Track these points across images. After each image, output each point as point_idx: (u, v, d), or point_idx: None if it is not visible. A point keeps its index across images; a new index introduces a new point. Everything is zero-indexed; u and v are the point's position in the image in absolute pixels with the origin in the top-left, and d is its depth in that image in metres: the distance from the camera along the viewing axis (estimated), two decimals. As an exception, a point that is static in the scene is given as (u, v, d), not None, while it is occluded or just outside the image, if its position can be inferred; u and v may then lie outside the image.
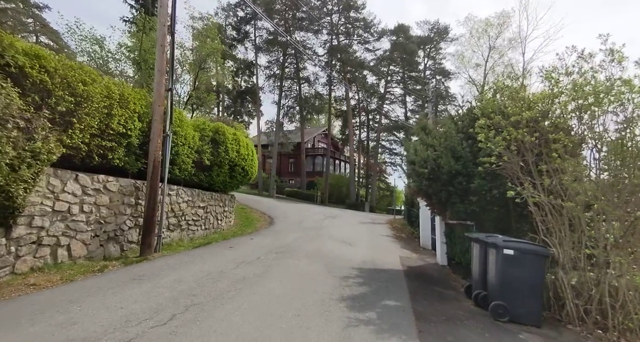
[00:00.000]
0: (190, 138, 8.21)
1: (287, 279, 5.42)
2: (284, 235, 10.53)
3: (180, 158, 7.81)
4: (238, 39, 39.20)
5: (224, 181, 10.32)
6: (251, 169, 11.78)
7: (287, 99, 40.52)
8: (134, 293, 4.13)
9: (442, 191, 5.74)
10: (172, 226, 8.00)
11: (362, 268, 6.87)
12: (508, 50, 36.12)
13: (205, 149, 8.93)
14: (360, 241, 10.85)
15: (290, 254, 7.52)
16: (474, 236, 5.20)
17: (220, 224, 10.75)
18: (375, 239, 12.03)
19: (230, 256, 6.82)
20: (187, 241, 8.56)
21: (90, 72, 5.31)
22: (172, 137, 7.47)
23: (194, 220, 9.02)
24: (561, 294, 4.37)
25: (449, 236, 7.28)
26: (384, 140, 41.92)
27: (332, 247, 9.16)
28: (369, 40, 36.81)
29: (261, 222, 13.59)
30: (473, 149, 5.47)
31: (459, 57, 38.55)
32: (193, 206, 8.91)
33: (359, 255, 8.38)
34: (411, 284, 5.98)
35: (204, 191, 9.51)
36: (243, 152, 10.81)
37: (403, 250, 10.29)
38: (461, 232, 6.20)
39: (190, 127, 8.41)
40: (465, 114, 6.02)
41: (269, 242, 9.06)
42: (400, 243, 11.77)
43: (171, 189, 7.87)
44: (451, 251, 7.25)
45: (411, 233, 14.73)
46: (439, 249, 8.27)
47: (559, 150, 4.22)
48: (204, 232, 9.59)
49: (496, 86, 5.09)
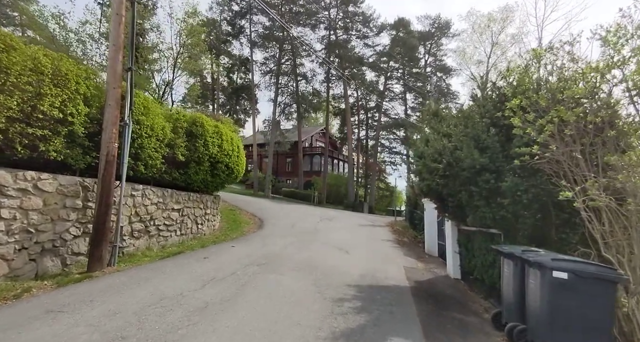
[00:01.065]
0: (159, 129, 7.00)
1: (263, 304, 4.22)
2: (272, 241, 9.32)
3: (145, 152, 6.60)
4: (233, 34, 37.95)
5: (205, 180, 9.11)
6: (237, 167, 10.58)
7: (284, 96, 39.31)
8: (31, 339, 2.92)
9: (462, 191, 4.57)
10: (137, 232, 6.79)
11: (360, 285, 5.67)
12: (511, 46, 35.05)
13: (178, 143, 7.71)
14: (359, 248, 9.66)
15: (275, 266, 6.32)
16: (506, 249, 4.01)
17: (201, 228, 9.54)
18: (375, 244, 10.84)
19: (200, 270, 5.61)
20: (158, 249, 7.35)
21: (7, 37, 4.10)
22: (134, 127, 6.26)
23: (167, 225, 7.81)
24: (632, 331, 3.19)
25: (464, 246, 6.11)
26: (383, 139, 40.77)
27: (326, 255, 7.96)
28: (368, 35, 35.67)
29: (250, 225, 12.38)
30: (501, 138, 4.30)
31: (460, 54, 37.44)
32: (165, 208, 7.69)
33: (357, 266, 7.19)
34: (421, 308, 4.79)
35: (179, 191, 8.30)
36: (226, 148, 9.61)
37: (407, 258, 9.10)
38: (483, 242, 5.04)
39: (160, 117, 7.20)
40: (487, 97, 4.83)
41: (253, 250, 7.86)
42: (403, 249, 10.58)
43: (135, 188, 6.66)
44: (467, 263, 6.07)
45: (414, 237, 13.55)
46: (450, 259, 7.09)
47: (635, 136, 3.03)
48: (180, 239, 8.38)
49: (535, 53, 3.92)
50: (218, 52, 39.18)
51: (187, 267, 5.77)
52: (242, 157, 11.14)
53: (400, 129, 37.56)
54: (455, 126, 5.09)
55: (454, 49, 41.90)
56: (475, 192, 4.32)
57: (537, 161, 3.56)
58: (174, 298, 4.14)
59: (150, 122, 6.67)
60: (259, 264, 6.40)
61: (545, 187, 3.78)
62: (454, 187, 4.71)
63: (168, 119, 7.69)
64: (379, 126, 38.30)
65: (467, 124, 4.77)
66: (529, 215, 4.07)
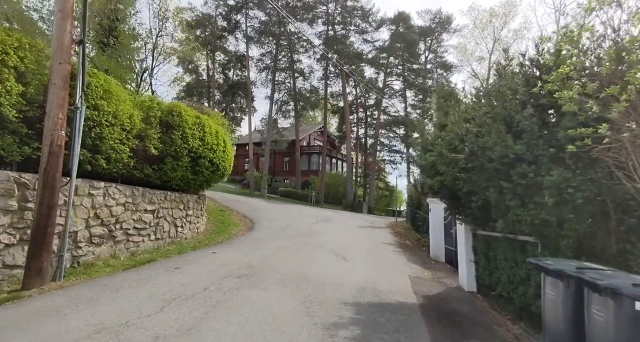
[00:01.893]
0: (126, 118, 6.00)
1: (233, 335, 3.24)
2: (261, 246, 8.34)
3: (107, 144, 5.60)
4: (228, 30, 36.93)
5: (185, 177, 8.12)
6: (223, 163, 9.59)
7: (281, 93, 38.33)
8: None
9: (489, 187, 3.60)
10: (98, 238, 5.79)
11: (359, 302, 4.69)
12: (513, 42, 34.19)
13: (150, 134, 6.72)
14: (357, 253, 8.68)
15: (259, 279, 5.34)
16: (551, 265, 3.04)
17: (182, 231, 8.54)
18: (375, 248, 9.87)
19: (165, 285, 4.62)
20: (126, 257, 6.36)
21: None
22: (91, 113, 5.27)
23: (138, 228, 6.81)
24: None
25: (483, 254, 5.14)
26: (383, 137, 39.79)
27: (321, 263, 6.99)
28: (367, 30, 34.70)
29: (239, 227, 11.39)
30: (537, 120, 3.33)
31: (461, 50, 36.48)
32: (135, 209, 6.70)
33: (356, 276, 6.22)
34: (435, 334, 3.82)
35: (153, 190, 7.30)
36: (210, 141, 8.61)
37: (411, 265, 8.13)
38: (510, 251, 4.08)
39: (128, 103, 6.21)
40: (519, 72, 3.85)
41: (236, 257, 6.87)
42: (406, 254, 9.61)
43: (94, 186, 5.66)
44: (487, 275, 5.11)
45: (417, 240, 12.59)
46: (463, 268, 6.12)
47: None
48: (155, 244, 7.38)
49: (588, 6, 2.96)
50: (213, 48, 38.23)
51: (150, 282, 4.78)
52: (230, 152, 10.16)
53: (400, 127, 36.61)
54: (477, 108, 4.12)
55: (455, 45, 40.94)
56: (507, 189, 3.36)
57: (605, 145, 2.58)
58: (114, 329, 3.15)
59: (113, 108, 5.67)
60: (239, 276, 5.42)
61: (606, 183, 2.83)
62: (478, 182, 3.74)
63: (139, 106, 6.70)
64: (378, 124, 37.33)
65: (493, 104, 3.79)
66: (578, 219, 3.11)
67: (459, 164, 3.92)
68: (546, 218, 3.11)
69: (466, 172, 3.88)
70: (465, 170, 3.88)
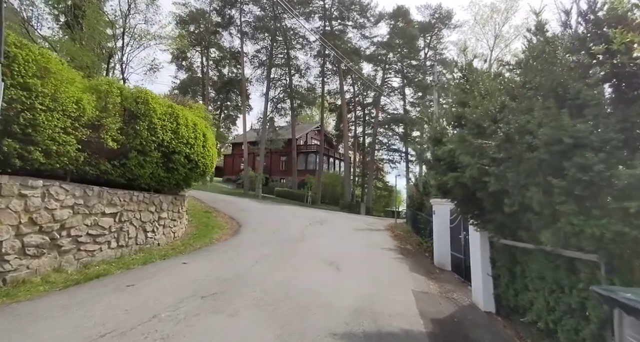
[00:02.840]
0: (71, 102, 4.95)
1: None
2: (243, 253, 7.31)
3: (44, 133, 4.55)
4: (222, 25, 35.82)
5: (155, 175, 7.09)
6: (203, 160, 8.56)
7: (277, 90, 37.23)
8: None
9: (529, 185, 2.58)
10: (34, 248, 4.73)
11: (352, 333, 3.67)
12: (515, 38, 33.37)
13: (107, 124, 5.67)
14: (353, 261, 7.67)
15: (228, 299, 4.31)
16: (635, 301, 2.03)
17: (153, 237, 7.49)
18: (373, 255, 8.86)
19: (102, 313, 3.58)
20: (75, 270, 5.31)
21: None
22: (20, 94, 4.23)
23: (93, 235, 5.76)
24: None
25: (507, 269, 4.14)
26: (381, 136, 38.81)
27: (309, 275, 5.97)
28: (365, 26, 33.72)
29: (224, 231, 10.35)
30: (613, 89, 2.35)
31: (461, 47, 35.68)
32: (89, 212, 5.64)
33: (350, 292, 5.20)
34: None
35: (115, 189, 6.25)
36: (186, 135, 7.58)
37: (414, 275, 7.12)
38: (547, 269, 3.06)
39: (75, 86, 5.17)
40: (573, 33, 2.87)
41: (210, 268, 5.85)
42: (408, 261, 8.60)
43: (28, 185, 4.61)
44: (511, 295, 4.09)
45: (419, 244, 11.59)
46: (479, 283, 5.11)
47: None
48: (117, 252, 6.33)
49: None
50: (207, 45, 37.13)
51: (85, 307, 3.74)
52: (212, 148, 9.13)
53: (400, 125, 35.64)
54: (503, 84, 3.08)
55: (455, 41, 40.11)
56: (559, 188, 2.37)
57: None
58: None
59: (51, 89, 4.62)
60: (205, 295, 4.39)
61: None
62: (513, 179, 2.73)
63: (93, 90, 5.65)
64: (376, 122, 36.37)
65: (534, 70, 2.76)
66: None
67: (489, 154, 2.91)
68: (622, 230, 2.12)
69: (498, 164, 2.87)
70: (497, 161, 2.87)
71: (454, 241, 8.08)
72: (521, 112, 2.67)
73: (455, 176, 3.66)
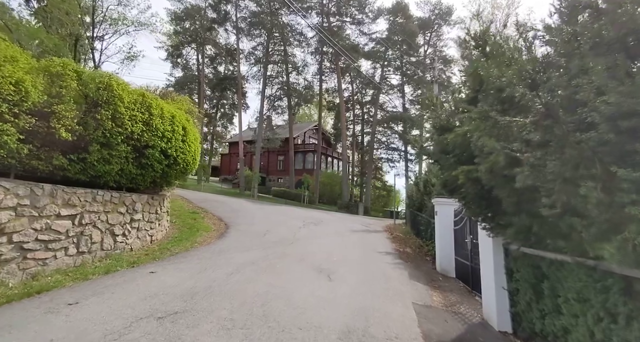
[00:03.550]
0: (7, 83, 4.17)
1: None
2: (224, 259, 6.54)
3: (-30, 119, 3.77)
4: (218, 21, 34.99)
5: (127, 173, 6.32)
6: (184, 156, 7.78)
7: (274, 87, 36.42)
8: None
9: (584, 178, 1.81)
10: (-38, 257, 3.95)
11: (338, 369, 2.90)
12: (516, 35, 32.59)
13: (59, 111, 4.88)
14: (347, 267, 6.90)
15: (190, 321, 3.53)
16: None
17: (125, 241, 6.71)
18: (370, 260, 8.09)
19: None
20: (18, 282, 4.52)
21: None
22: None
23: (44, 240, 4.97)
24: None
25: (530, 284, 3.37)
26: (380, 134, 38.03)
27: (294, 286, 5.20)
28: (364, 22, 32.94)
29: (209, 233, 9.56)
30: None
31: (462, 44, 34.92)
32: (38, 214, 4.86)
33: (340, 308, 4.43)
34: None
35: (74, 187, 5.46)
36: (160, 127, 6.80)
37: (415, 284, 6.35)
38: (593, 290, 2.31)
39: (18, 66, 4.39)
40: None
41: (179, 279, 5.07)
42: (408, 267, 7.83)
43: (-49, 182, 3.83)
44: (538, 318, 3.33)
45: (419, 247, 10.84)
46: (491, 297, 4.35)
47: None
48: (76, 260, 5.55)
49: None
50: (203, 41, 36.29)
51: None
52: (193, 143, 8.34)
53: (399, 123, 34.86)
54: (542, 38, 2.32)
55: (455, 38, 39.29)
56: (630, 181, 1.63)
57: None
58: None
59: (-20, 66, 3.85)
60: (164, 316, 3.61)
61: None
62: (557, 169, 1.97)
63: (42, 71, 4.87)
64: (375, 121, 35.59)
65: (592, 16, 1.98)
66: None
67: (521, 135, 2.13)
68: None
69: (533, 149, 2.10)
70: (532, 146, 2.10)
71: (459, 244, 7.33)
72: (570, 75, 1.91)
73: (467, 169, 2.91)
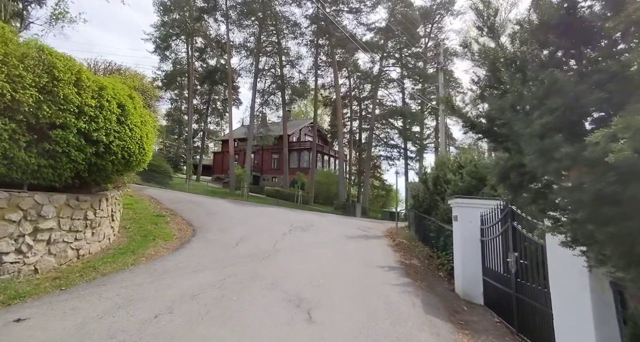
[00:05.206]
0: None
1: None
2: (159, 287, 4.60)
3: None
4: (206, 10, 32.98)
5: (17, 162, 4.38)
6: (121, 142, 5.86)
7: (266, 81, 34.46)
8: None
9: None
10: None
11: None
12: (521, 27, 30.89)
13: None
14: (337, 298, 4.99)
15: None
16: None
17: (21, 260, 4.75)
18: (368, 282, 6.18)
19: None
20: None
21: None
22: None
23: None
24: None
25: None
26: (378, 130, 36.15)
27: (252, 338, 3.27)
28: (362, 10, 31.02)
29: (167, 243, 7.61)
30: None
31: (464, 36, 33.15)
32: None
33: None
34: None
35: None
36: (75, 100, 4.86)
37: (434, 322, 4.44)
38: None
39: None
40: None
41: (54, 334, 3.13)
42: (419, 289, 5.93)
43: None
44: None
45: (428, 257, 8.96)
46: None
47: None
48: None
49: None
50: (191, 32, 34.31)
51: None
52: (138, 128, 6.41)
53: (398, 118, 33.01)
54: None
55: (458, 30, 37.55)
56: None
57: None
58: None
59: None
60: None
61: None
62: None
63: None
64: (373, 116, 33.72)
65: None
66: None
67: None
68: None
69: None
70: None
71: (488, 260, 5.46)
72: None
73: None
